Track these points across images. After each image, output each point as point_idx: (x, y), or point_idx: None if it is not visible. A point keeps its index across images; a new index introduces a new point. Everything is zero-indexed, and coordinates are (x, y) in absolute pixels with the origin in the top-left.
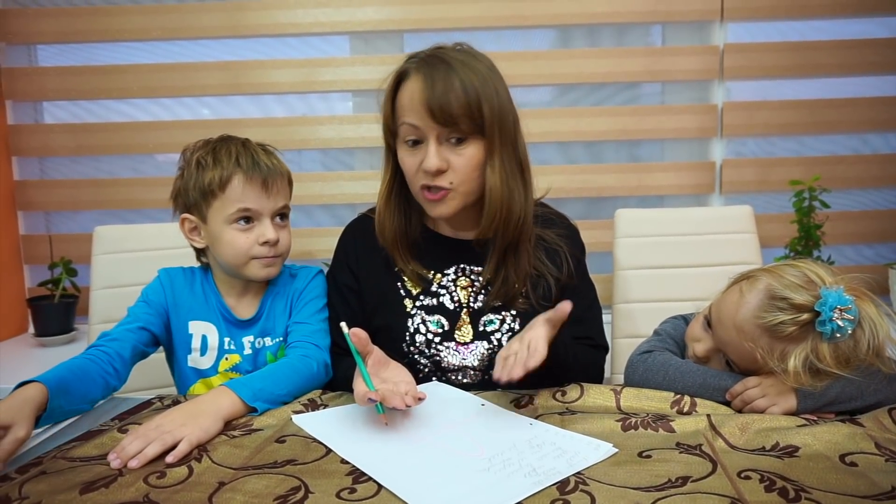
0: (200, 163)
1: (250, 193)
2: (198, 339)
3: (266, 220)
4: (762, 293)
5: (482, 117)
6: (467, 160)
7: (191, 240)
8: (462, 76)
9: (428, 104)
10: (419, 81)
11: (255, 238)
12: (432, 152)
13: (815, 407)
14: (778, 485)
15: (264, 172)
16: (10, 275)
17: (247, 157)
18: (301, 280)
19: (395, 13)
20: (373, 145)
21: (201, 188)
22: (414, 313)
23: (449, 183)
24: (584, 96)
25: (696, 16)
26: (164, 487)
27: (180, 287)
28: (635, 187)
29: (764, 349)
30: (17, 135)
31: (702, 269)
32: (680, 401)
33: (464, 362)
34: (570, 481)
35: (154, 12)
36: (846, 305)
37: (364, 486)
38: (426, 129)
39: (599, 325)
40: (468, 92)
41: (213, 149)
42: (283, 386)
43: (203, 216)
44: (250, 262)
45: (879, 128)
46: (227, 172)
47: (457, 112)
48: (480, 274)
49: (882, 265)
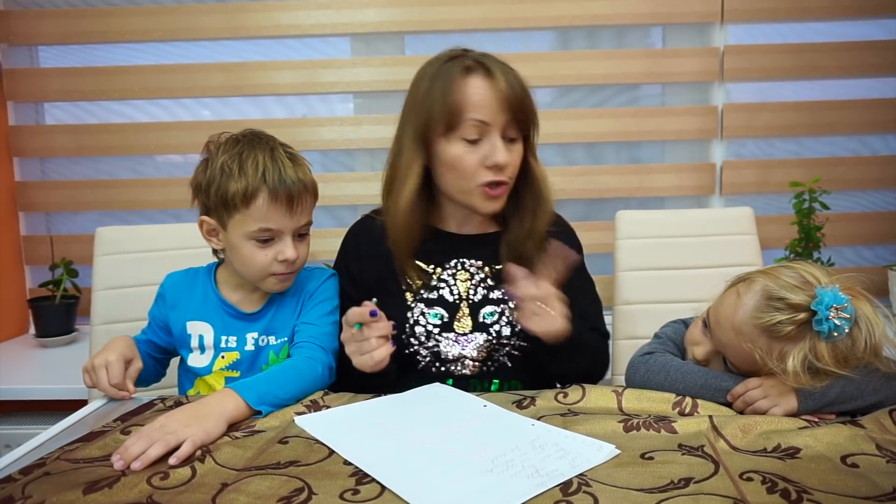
0: (225, 169)
1: (274, 214)
2: (196, 338)
3: (287, 238)
4: (759, 294)
5: (535, 115)
6: (518, 155)
7: (208, 240)
8: (517, 75)
9: (505, 99)
10: (489, 78)
11: (275, 255)
12: (501, 147)
13: (816, 407)
14: (780, 486)
15: (290, 189)
16: (10, 275)
17: (274, 172)
18: (314, 281)
19: (395, 15)
20: (373, 147)
21: (223, 197)
22: (414, 306)
23: (508, 177)
24: (585, 98)
25: (696, 17)
26: (168, 489)
27: (181, 290)
28: (635, 189)
29: (762, 350)
30: (19, 136)
31: (702, 271)
32: (681, 402)
33: (462, 352)
34: (573, 482)
35: (155, 14)
36: (842, 304)
37: (367, 488)
38: (495, 123)
39: (601, 317)
40: (525, 90)
41: (240, 155)
42: (287, 389)
43: (223, 223)
44: (267, 278)
45: (879, 129)
46: (252, 188)
47: (526, 108)
48: (480, 268)
49: (882, 267)
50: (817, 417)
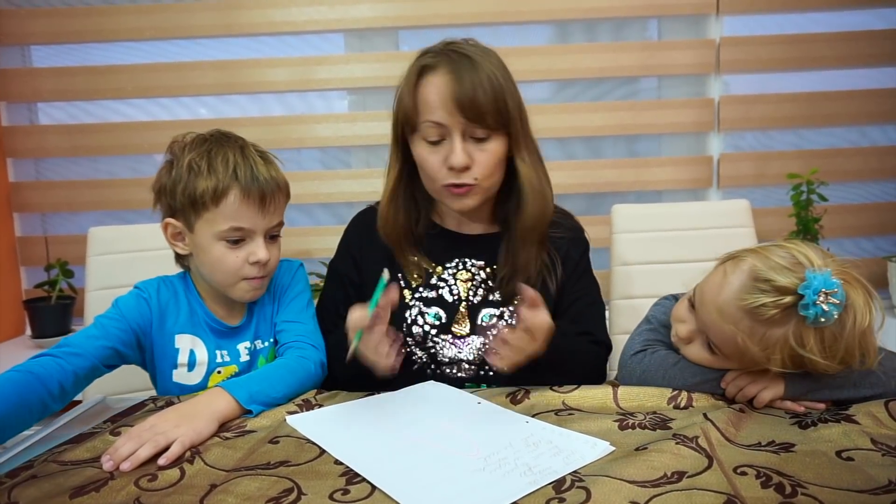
0: (193, 167)
1: (246, 212)
2: (185, 353)
3: (258, 239)
4: (745, 274)
5: (508, 111)
6: (490, 155)
7: (173, 245)
8: (486, 70)
9: (457, 99)
10: (445, 76)
11: (245, 256)
12: (458, 148)
13: (803, 391)
14: (774, 480)
15: (263, 187)
16: (6, 277)
17: (245, 169)
18: (285, 274)
19: (389, 10)
20: (369, 143)
21: (191, 196)
22: (412, 304)
23: (473, 178)
24: (582, 92)
25: (691, 9)
26: (156, 490)
27: (164, 300)
28: (633, 182)
29: (745, 332)
30: (12, 136)
31: (699, 264)
32: (677, 396)
33: (459, 355)
34: (566, 480)
35: (148, 12)
36: (832, 289)
37: (357, 488)
38: (452, 125)
39: (600, 322)
40: (494, 86)
41: (209, 153)
42: (279, 388)
43: (189, 225)
44: (239, 283)
45: (878, 120)
46: (222, 185)
47: (485, 107)
48: (482, 268)
49: (881, 258)
50: (806, 407)
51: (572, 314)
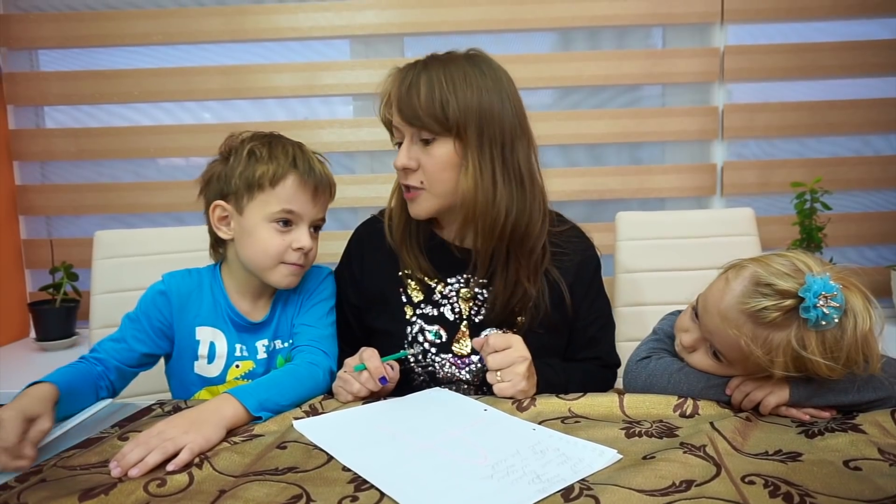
0: (254, 153)
1: (300, 197)
2: (205, 345)
3: (304, 227)
4: (747, 280)
5: (447, 115)
6: (435, 160)
7: (217, 228)
8: (432, 75)
9: (397, 102)
10: (395, 79)
11: (290, 242)
12: (403, 150)
13: (808, 396)
14: (782, 489)
15: (317, 179)
16: (11, 279)
17: (304, 161)
18: (312, 279)
19: (395, 17)
20: (373, 149)
21: (248, 179)
22: (413, 321)
23: (419, 182)
24: (585, 99)
25: (696, 18)
26: (165, 496)
27: (186, 292)
28: (636, 190)
29: (748, 336)
30: (19, 139)
31: (703, 272)
32: (683, 404)
33: (458, 375)
34: (575, 488)
35: (155, 17)
36: (832, 293)
37: (366, 494)
38: (399, 125)
39: (611, 343)
40: (432, 90)
41: (269, 143)
42: (287, 396)
43: (240, 207)
44: (278, 267)
45: (881, 129)
46: (282, 169)
47: (419, 110)
48: (485, 286)
49: (884, 267)
50: (811, 416)
51: (587, 339)
